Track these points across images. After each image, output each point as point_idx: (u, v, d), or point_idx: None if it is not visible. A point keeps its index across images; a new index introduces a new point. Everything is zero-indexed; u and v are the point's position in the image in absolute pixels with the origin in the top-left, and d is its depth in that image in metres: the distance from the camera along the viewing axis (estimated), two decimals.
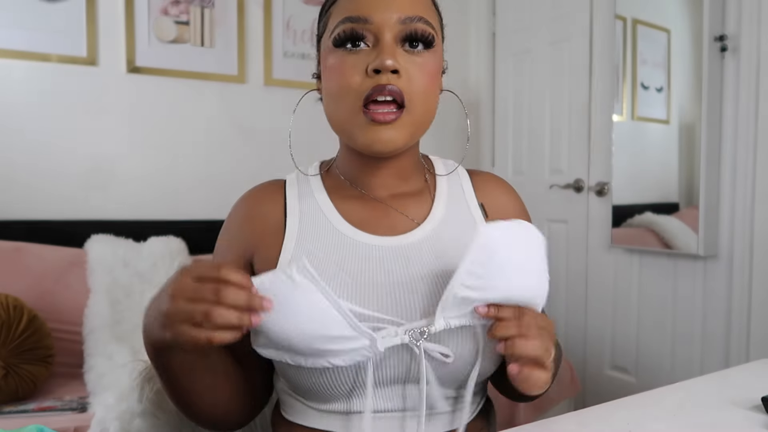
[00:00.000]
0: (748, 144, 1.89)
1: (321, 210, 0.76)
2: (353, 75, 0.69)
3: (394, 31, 0.69)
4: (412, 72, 0.69)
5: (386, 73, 0.67)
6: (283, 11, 2.55)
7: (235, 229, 0.78)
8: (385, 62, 0.67)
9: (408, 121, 0.70)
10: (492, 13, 2.86)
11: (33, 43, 2.14)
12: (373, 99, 0.68)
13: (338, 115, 0.72)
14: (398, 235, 0.74)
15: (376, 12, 0.68)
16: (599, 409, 0.75)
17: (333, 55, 0.71)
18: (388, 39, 0.69)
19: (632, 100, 2.23)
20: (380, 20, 0.68)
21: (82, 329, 1.91)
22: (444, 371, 0.68)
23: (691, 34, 2.02)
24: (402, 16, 0.69)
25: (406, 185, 0.79)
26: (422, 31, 0.70)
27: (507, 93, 2.82)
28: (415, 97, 0.69)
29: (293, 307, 0.60)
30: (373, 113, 0.68)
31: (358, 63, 0.69)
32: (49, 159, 2.19)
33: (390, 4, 0.69)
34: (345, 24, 0.69)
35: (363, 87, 0.68)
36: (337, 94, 0.70)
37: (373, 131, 0.69)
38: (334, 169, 0.81)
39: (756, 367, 0.92)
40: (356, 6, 0.69)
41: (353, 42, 0.69)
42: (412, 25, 0.69)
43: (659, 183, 2.17)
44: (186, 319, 0.56)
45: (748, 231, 1.90)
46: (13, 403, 1.62)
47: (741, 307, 1.93)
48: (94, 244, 2.08)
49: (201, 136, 2.44)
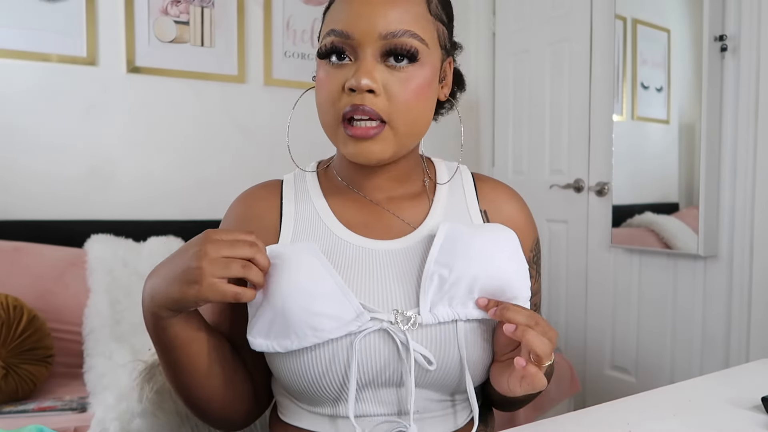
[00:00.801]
0: (748, 144, 1.88)
1: (317, 212, 0.76)
2: (333, 90, 0.69)
3: (374, 47, 0.68)
4: (392, 89, 0.68)
5: (361, 93, 0.67)
6: (283, 11, 2.55)
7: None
8: (360, 82, 0.66)
9: (391, 135, 0.69)
10: (492, 13, 2.86)
11: (33, 43, 2.14)
12: (350, 116, 0.68)
13: (324, 126, 0.73)
14: (393, 239, 0.74)
15: (357, 27, 0.67)
16: (599, 409, 0.74)
17: (320, 65, 0.72)
18: (368, 55, 0.68)
19: (632, 100, 2.23)
20: (360, 35, 0.67)
21: (81, 329, 1.91)
22: (430, 378, 0.68)
23: (691, 34, 2.02)
24: (384, 31, 0.67)
25: (402, 188, 0.78)
26: (405, 46, 0.68)
27: (507, 93, 2.82)
28: (396, 114, 0.69)
29: (294, 266, 0.65)
30: (352, 129, 0.68)
31: (339, 78, 0.69)
32: (49, 159, 2.19)
33: (373, 19, 0.67)
34: (330, 36, 0.69)
35: (341, 104, 0.69)
36: (321, 106, 0.72)
37: (354, 145, 0.69)
38: (332, 171, 0.81)
39: (756, 367, 0.91)
40: (341, 19, 0.69)
41: (338, 55, 0.69)
42: (395, 41, 0.68)
43: (659, 183, 2.16)
44: (221, 272, 0.60)
45: (748, 231, 1.90)
46: (13, 403, 1.62)
47: (741, 307, 1.93)
48: (94, 244, 2.08)
49: (201, 136, 2.44)
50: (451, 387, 0.69)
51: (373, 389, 0.68)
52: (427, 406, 0.70)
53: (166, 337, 0.67)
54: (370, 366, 0.66)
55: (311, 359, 0.65)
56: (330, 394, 0.67)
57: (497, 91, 2.88)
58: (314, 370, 0.65)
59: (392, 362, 0.66)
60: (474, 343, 0.67)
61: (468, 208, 0.79)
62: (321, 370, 0.65)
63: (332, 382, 0.66)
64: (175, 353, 0.68)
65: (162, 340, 0.67)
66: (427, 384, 0.68)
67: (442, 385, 0.69)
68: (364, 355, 0.65)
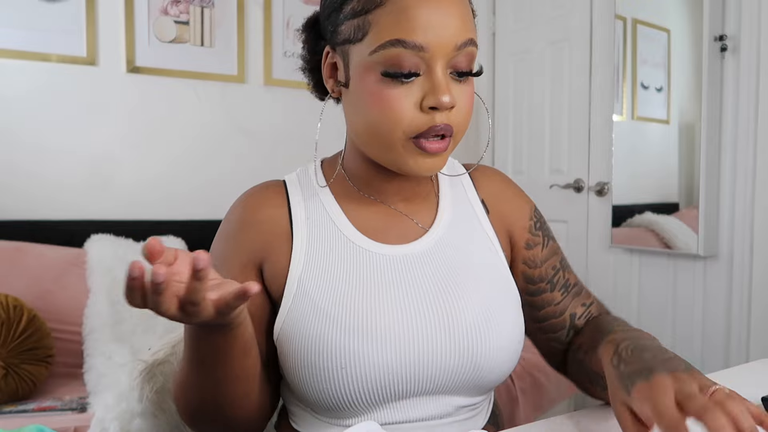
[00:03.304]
0: (748, 144, 1.88)
1: (329, 217, 0.74)
2: (403, 108, 0.63)
3: (447, 59, 0.63)
4: (462, 103, 0.65)
5: (443, 111, 0.63)
6: (283, 11, 2.55)
7: (236, 235, 0.73)
8: (443, 100, 0.61)
9: (452, 147, 0.67)
10: (492, 13, 2.86)
11: (33, 43, 2.14)
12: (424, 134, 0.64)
13: (378, 141, 0.66)
14: (408, 243, 0.73)
15: (432, 37, 0.61)
16: (599, 409, 0.74)
17: (377, 81, 0.64)
18: (442, 68, 0.63)
19: (632, 100, 2.23)
20: (436, 47, 0.61)
21: (81, 329, 1.90)
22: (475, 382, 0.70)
23: (691, 34, 2.01)
24: (458, 42, 0.62)
25: (419, 187, 0.77)
26: (471, 58, 0.65)
27: (507, 93, 2.82)
28: (461, 127, 0.66)
29: None
30: (425, 145, 0.64)
31: (409, 96, 0.63)
32: (49, 159, 2.19)
33: (448, 25, 0.62)
34: (396, 48, 0.61)
35: (415, 122, 0.63)
36: (381, 124, 0.64)
37: (422, 160, 0.66)
38: (341, 173, 0.77)
39: (756, 367, 0.91)
40: (409, 26, 0.61)
41: (406, 75, 0.62)
42: (465, 50, 0.63)
43: (659, 183, 2.16)
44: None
45: (748, 231, 1.90)
46: (13, 403, 1.62)
47: (741, 307, 1.93)
48: (94, 244, 2.08)
49: (201, 135, 2.44)
50: (488, 388, 0.71)
51: (407, 398, 0.68)
52: (456, 412, 0.71)
53: (205, 348, 0.62)
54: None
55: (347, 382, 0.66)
56: (360, 408, 0.67)
57: (497, 91, 2.88)
58: (347, 395, 0.66)
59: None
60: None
61: (470, 200, 0.80)
62: (356, 391, 0.66)
63: (367, 396, 0.66)
64: (215, 366, 0.63)
65: (200, 352, 0.63)
66: (456, 388, 0.69)
67: (481, 387, 0.70)
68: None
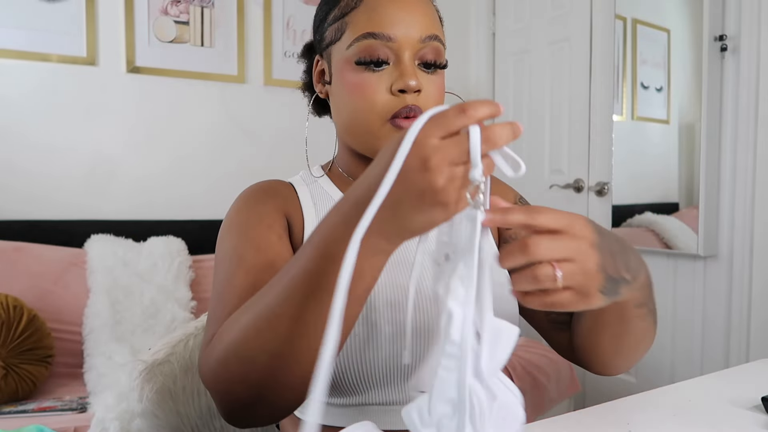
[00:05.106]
0: (748, 144, 1.88)
1: (332, 198, 0.78)
2: (376, 93, 0.70)
3: (413, 50, 0.71)
4: (429, 90, 0.72)
5: (411, 93, 0.70)
6: (283, 11, 2.55)
7: (263, 198, 0.74)
8: (410, 83, 0.69)
9: None
10: (492, 13, 2.86)
11: (33, 43, 2.14)
12: (399, 116, 0.70)
13: (359, 127, 0.72)
14: None
15: (399, 29, 0.70)
16: (599, 409, 0.74)
17: (353, 71, 0.71)
18: (409, 58, 0.70)
19: (632, 100, 2.23)
20: (403, 38, 0.70)
21: (82, 329, 1.91)
22: None
23: (691, 34, 2.02)
24: (422, 35, 0.70)
25: None
26: (437, 52, 0.72)
27: (507, 93, 2.82)
28: None
29: None
30: (400, 123, 0.70)
31: (380, 82, 0.70)
32: (49, 159, 2.19)
33: (412, 21, 0.70)
34: (368, 39, 0.70)
35: (389, 106, 0.70)
36: (360, 110, 0.71)
37: None
38: (340, 173, 0.81)
39: (756, 367, 0.91)
40: (379, 21, 0.70)
41: (377, 63, 0.70)
42: (429, 44, 0.71)
43: (659, 183, 2.16)
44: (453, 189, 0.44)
45: (748, 231, 1.90)
46: (13, 403, 1.62)
47: (741, 307, 1.93)
48: (94, 244, 2.08)
49: (201, 135, 2.44)
50: None
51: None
52: None
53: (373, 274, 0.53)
54: None
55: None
56: (365, 386, 0.69)
57: (497, 91, 2.88)
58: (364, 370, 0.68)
59: None
60: None
61: None
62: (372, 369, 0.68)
63: (375, 370, 0.68)
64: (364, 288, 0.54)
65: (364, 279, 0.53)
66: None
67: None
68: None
